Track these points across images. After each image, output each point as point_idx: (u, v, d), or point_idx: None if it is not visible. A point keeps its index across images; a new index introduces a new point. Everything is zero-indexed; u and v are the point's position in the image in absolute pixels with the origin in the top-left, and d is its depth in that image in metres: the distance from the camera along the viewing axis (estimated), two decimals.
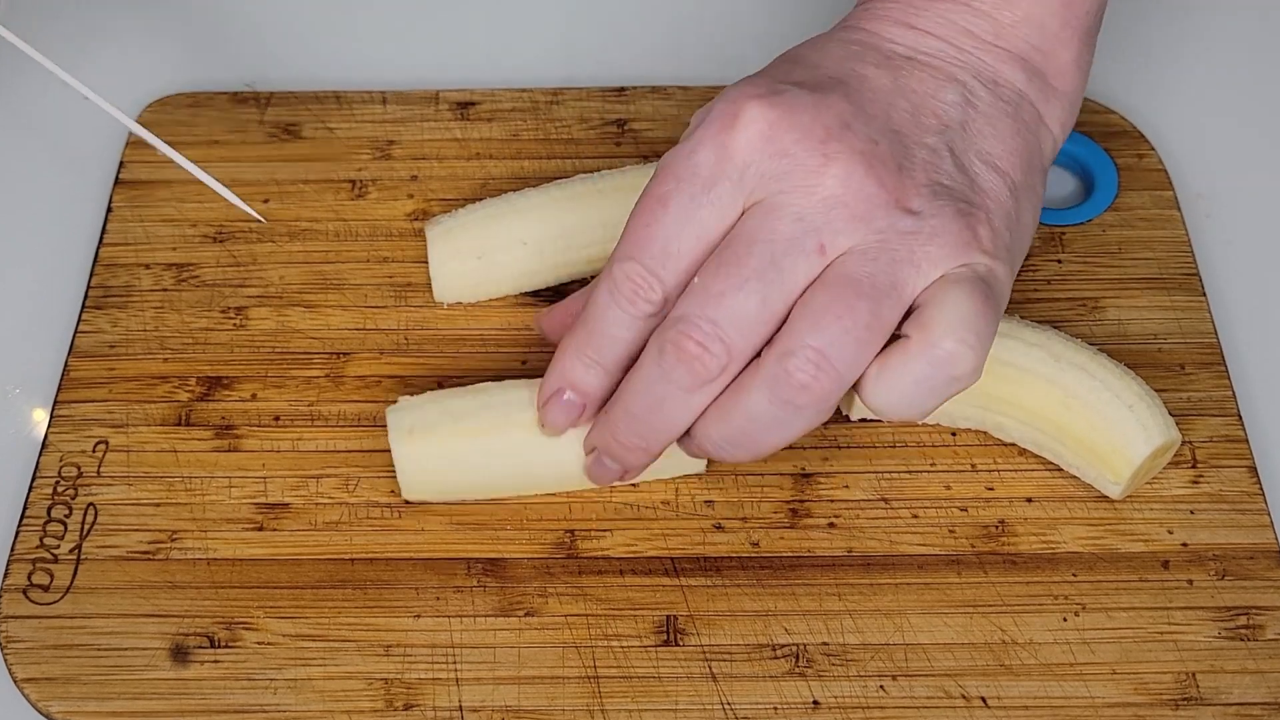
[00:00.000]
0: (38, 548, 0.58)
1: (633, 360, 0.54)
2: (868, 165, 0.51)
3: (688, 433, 0.54)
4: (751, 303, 0.51)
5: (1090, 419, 0.58)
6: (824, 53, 0.56)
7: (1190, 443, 0.61)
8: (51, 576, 0.58)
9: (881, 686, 0.55)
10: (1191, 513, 0.59)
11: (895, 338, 0.52)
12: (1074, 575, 0.58)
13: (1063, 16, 0.56)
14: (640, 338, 0.54)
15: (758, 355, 0.52)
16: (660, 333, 0.52)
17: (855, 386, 0.52)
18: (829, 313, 0.51)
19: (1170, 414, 0.59)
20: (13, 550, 0.58)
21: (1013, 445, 0.61)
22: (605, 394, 0.56)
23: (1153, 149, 0.70)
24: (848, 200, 0.51)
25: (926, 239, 0.51)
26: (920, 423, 0.62)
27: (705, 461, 0.59)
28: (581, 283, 0.66)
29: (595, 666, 0.56)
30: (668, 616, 0.57)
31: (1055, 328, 0.62)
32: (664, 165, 0.53)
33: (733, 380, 0.52)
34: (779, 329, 0.52)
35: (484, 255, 0.64)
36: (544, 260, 0.65)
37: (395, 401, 0.59)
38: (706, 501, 0.60)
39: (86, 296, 0.66)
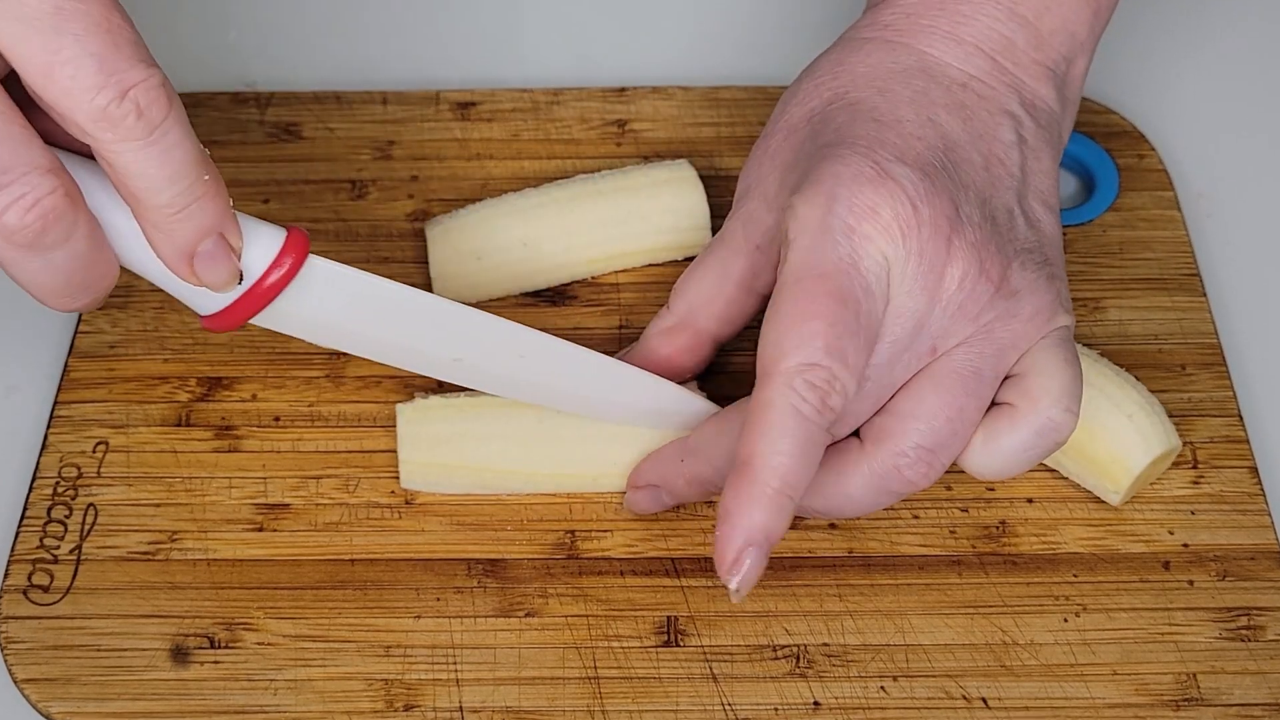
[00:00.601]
0: (38, 548, 0.58)
1: None
2: (980, 262, 0.52)
3: None
4: (866, 405, 0.52)
5: (1090, 428, 0.58)
6: (892, 97, 0.55)
7: (1191, 443, 0.61)
8: (51, 577, 0.58)
9: (882, 687, 0.55)
10: (1192, 513, 0.59)
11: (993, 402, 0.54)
12: (1075, 576, 0.58)
13: (1090, 25, 0.57)
14: (822, 447, 0.51)
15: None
16: (767, 386, 0.51)
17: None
18: (940, 415, 0.52)
19: (1171, 419, 0.59)
20: (13, 551, 0.58)
21: None
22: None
23: (1153, 149, 0.70)
24: (962, 301, 0.52)
25: (1026, 320, 0.53)
26: None
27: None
28: (582, 284, 0.66)
29: (596, 667, 0.56)
30: (668, 617, 0.57)
31: None
32: (812, 263, 0.50)
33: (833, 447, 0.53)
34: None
35: (484, 256, 0.64)
36: (544, 261, 0.65)
37: (400, 401, 0.59)
38: (708, 501, 0.60)
39: None
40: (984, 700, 0.55)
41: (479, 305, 0.65)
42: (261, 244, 0.52)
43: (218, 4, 0.77)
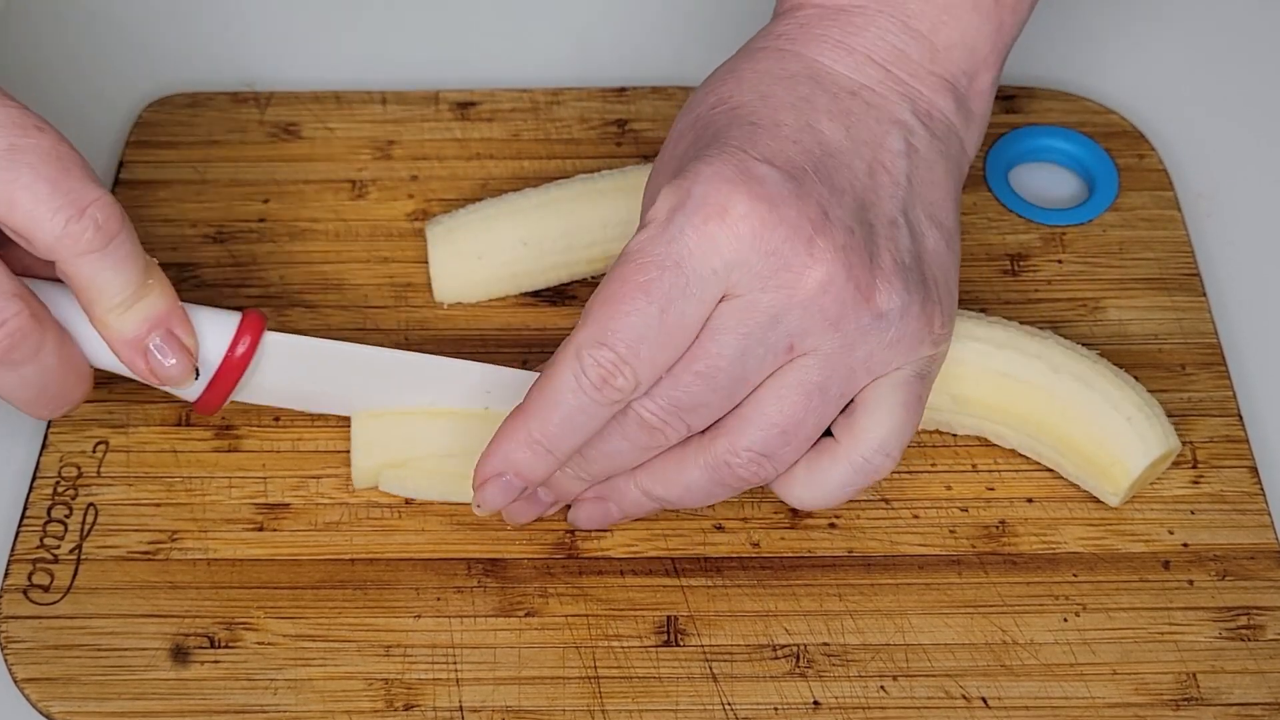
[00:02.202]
0: (38, 548, 0.58)
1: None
2: (847, 267, 0.52)
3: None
4: (718, 398, 0.52)
5: (1088, 430, 0.58)
6: (773, 101, 0.55)
7: (1191, 443, 0.61)
8: (52, 577, 0.58)
9: (882, 687, 0.55)
10: (1192, 513, 0.59)
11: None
12: (1075, 575, 0.58)
13: (993, 41, 0.57)
14: (599, 427, 0.53)
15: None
16: (633, 404, 0.52)
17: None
18: (778, 425, 0.53)
19: (1171, 418, 0.59)
20: (13, 550, 0.58)
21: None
22: (547, 478, 0.55)
23: (1153, 149, 0.70)
24: (824, 305, 0.52)
25: (888, 346, 0.53)
26: (920, 429, 0.61)
27: None
28: (582, 283, 0.66)
29: (596, 667, 0.56)
30: (668, 617, 0.57)
31: (1055, 329, 0.62)
32: (640, 250, 0.51)
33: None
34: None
35: (484, 255, 0.64)
36: (544, 260, 0.65)
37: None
38: None
39: None
40: (984, 700, 0.55)
41: (479, 305, 0.65)
42: (220, 329, 0.56)
43: (218, 4, 0.77)
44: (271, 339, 0.57)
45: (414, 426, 0.59)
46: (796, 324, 0.52)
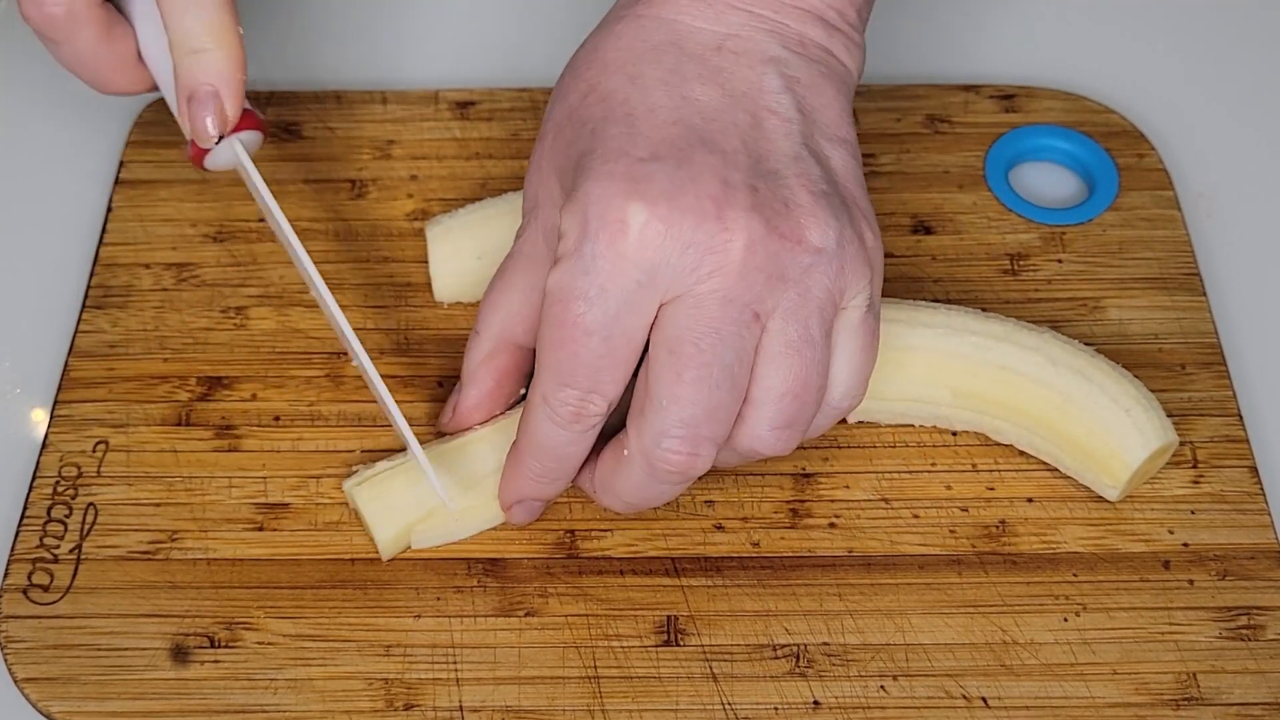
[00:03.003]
0: (38, 548, 0.58)
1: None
2: (765, 222, 0.51)
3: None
4: (720, 394, 0.52)
5: (1087, 423, 0.58)
6: (643, 82, 0.54)
7: (1191, 443, 0.61)
8: (51, 576, 0.58)
9: (882, 687, 0.55)
10: (1192, 513, 0.59)
11: None
12: (1075, 575, 0.58)
13: None
14: (589, 445, 0.55)
15: None
16: (645, 450, 0.53)
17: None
18: (787, 395, 0.53)
19: (1169, 415, 0.59)
20: (13, 550, 0.58)
21: (1013, 445, 0.61)
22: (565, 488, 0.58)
23: (1153, 149, 0.70)
24: (759, 264, 0.51)
25: (839, 273, 0.52)
26: (918, 425, 0.62)
27: None
28: None
29: (596, 666, 0.56)
30: (668, 617, 0.57)
31: (1055, 328, 0.62)
32: (562, 287, 0.52)
33: None
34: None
35: (484, 255, 0.64)
36: None
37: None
38: (707, 502, 0.60)
39: (86, 296, 0.65)
40: (984, 700, 0.55)
41: (478, 305, 0.65)
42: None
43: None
44: (241, 155, 0.60)
45: (417, 482, 0.58)
46: (746, 294, 0.51)
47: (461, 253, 0.64)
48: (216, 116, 0.59)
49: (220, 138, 0.59)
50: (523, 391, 0.60)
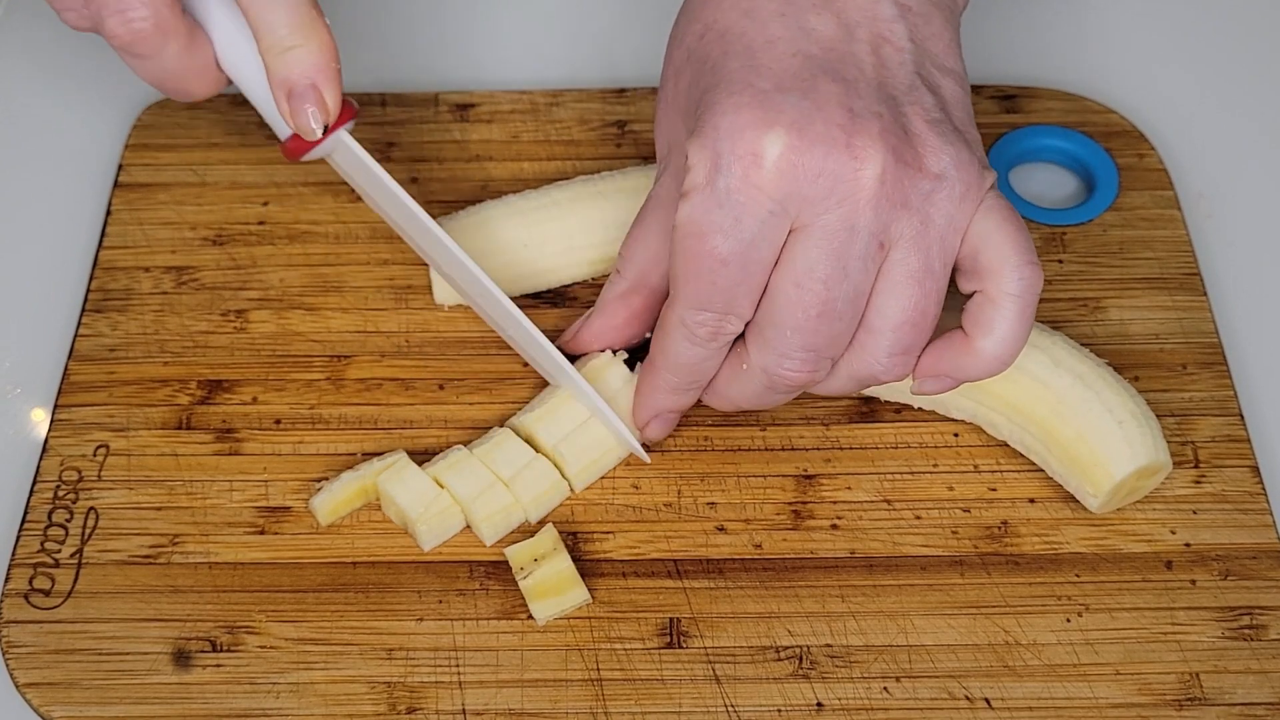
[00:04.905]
0: (39, 552, 0.58)
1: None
2: (891, 150, 0.52)
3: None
4: (842, 323, 0.53)
5: (1078, 428, 0.58)
6: (759, 15, 0.54)
7: (1192, 443, 0.61)
8: (53, 581, 0.58)
9: (885, 688, 0.55)
10: (1194, 513, 0.59)
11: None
12: (1077, 576, 0.58)
13: None
14: (725, 354, 0.56)
15: None
16: (768, 367, 0.55)
17: (963, 358, 0.55)
18: (905, 321, 0.53)
19: (1171, 419, 0.59)
20: (14, 555, 0.58)
21: (1007, 443, 0.61)
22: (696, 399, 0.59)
23: (1153, 149, 0.70)
24: (888, 193, 0.52)
25: (959, 197, 0.53)
26: (916, 406, 0.62)
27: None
28: (583, 285, 0.66)
29: (598, 669, 0.56)
30: (671, 619, 0.57)
31: (1056, 329, 0.62)
32: (695, 220, 0.52)
33: None
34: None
35: (484, 257, 0.64)
36: (545, 262, 0.65)
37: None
38: (709, 504, 0.60)
39: (86, 300, 0.65)
40: (987, 701, 0.55)
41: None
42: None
43: None
44: (347, 140, 0.60)
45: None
46: (874, 222, 0.52)
47: None
48: (319, 109, 0.58)
49: (325, 129, 0.59)
50: (647, 335, 0.61)
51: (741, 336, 0.56)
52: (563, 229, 0.64)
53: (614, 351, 0.61)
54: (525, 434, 0.60)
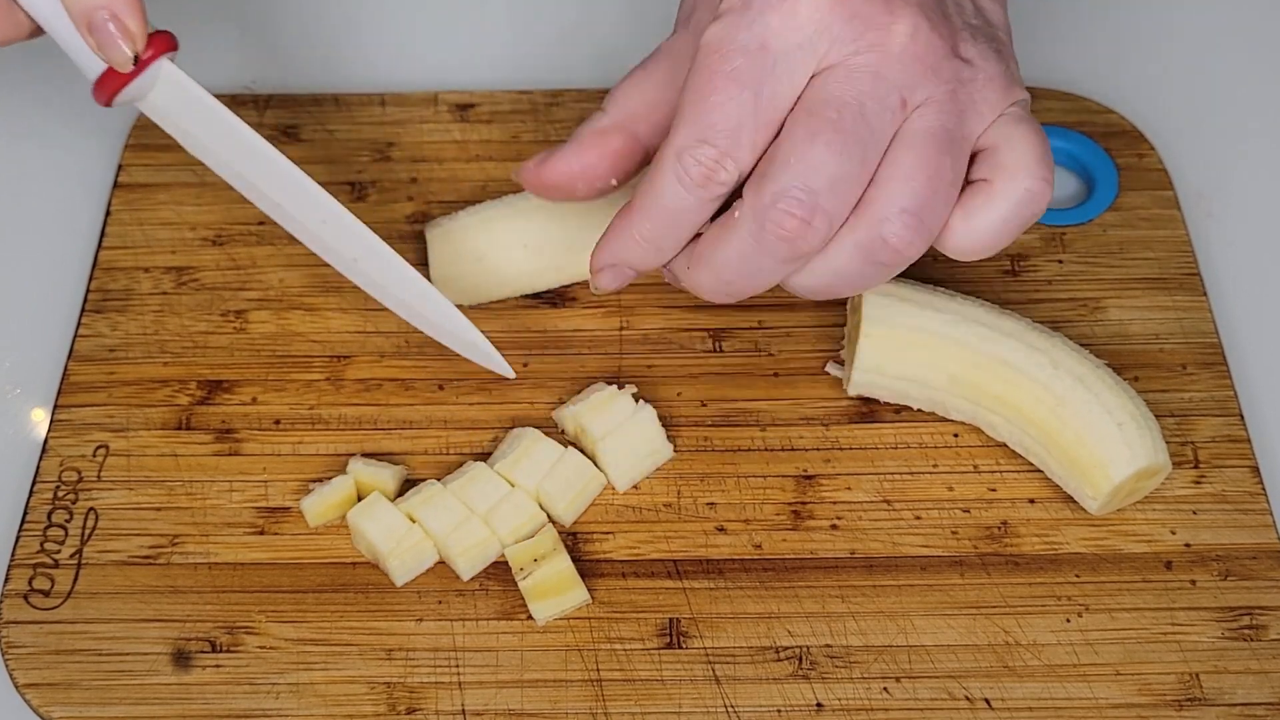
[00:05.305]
0: (38, 553, 0.58)
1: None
2: (928, 16, 0.52)
3: None
4: (850, 166, 0.51)
5: (1078, 430, 0.58)
6: None
7: (1192, 443, 0.61)
8: (52, 581, 0.58)
9: (885, 688, 0.55)
10: (1194, 513, 0.59)
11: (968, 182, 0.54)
12: (1077, 576, 0.58)
13: None
14: (708, 216, 0.54)
15: None
16: (759, 210, 0.52)
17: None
18: (919, 175, 0.52)
19: (1171, 419, 0.59)
20: (13, 555, 0.58)
21: (1006, 444, 0.61)
22: (657, 267, 0.56)
23: (1153, 149, 0.70)
24: (918, 53, 0.51)
25: (984, 84, 0.53)
26: (916, 409, 0.62)
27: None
28: (583, 286, 0.66)
29: (598, 669, 0.56)
30: (670, 619, 0.57)
31: (1056, 329, 0.62)
32: (722, 40, 0.51)
33: None
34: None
35: (484, 258, 0.64)
36: (544, 263, 0.65)
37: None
38: (709, 504, 0.60)
39: (86, 300, 0.65)
40: (987, 701, 0.55)
41: (478, 307, 0.65)
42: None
43: (217, 6, 0.77)
44: (166, 68, 0.57)
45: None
46: (900, 77, 0.51)
47: (461, 255, 0.64)
48: (125, 37, 0.55)
49: (137, 59, 0.56)
50: (613, 181, 0.58)
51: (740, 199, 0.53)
52: (563, 230, 0.64)
53: (619, 385, 0.61)
54: (504, 478, 0.59)
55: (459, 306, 0.65)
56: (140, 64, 0.56)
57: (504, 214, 0.64)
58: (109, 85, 0.56)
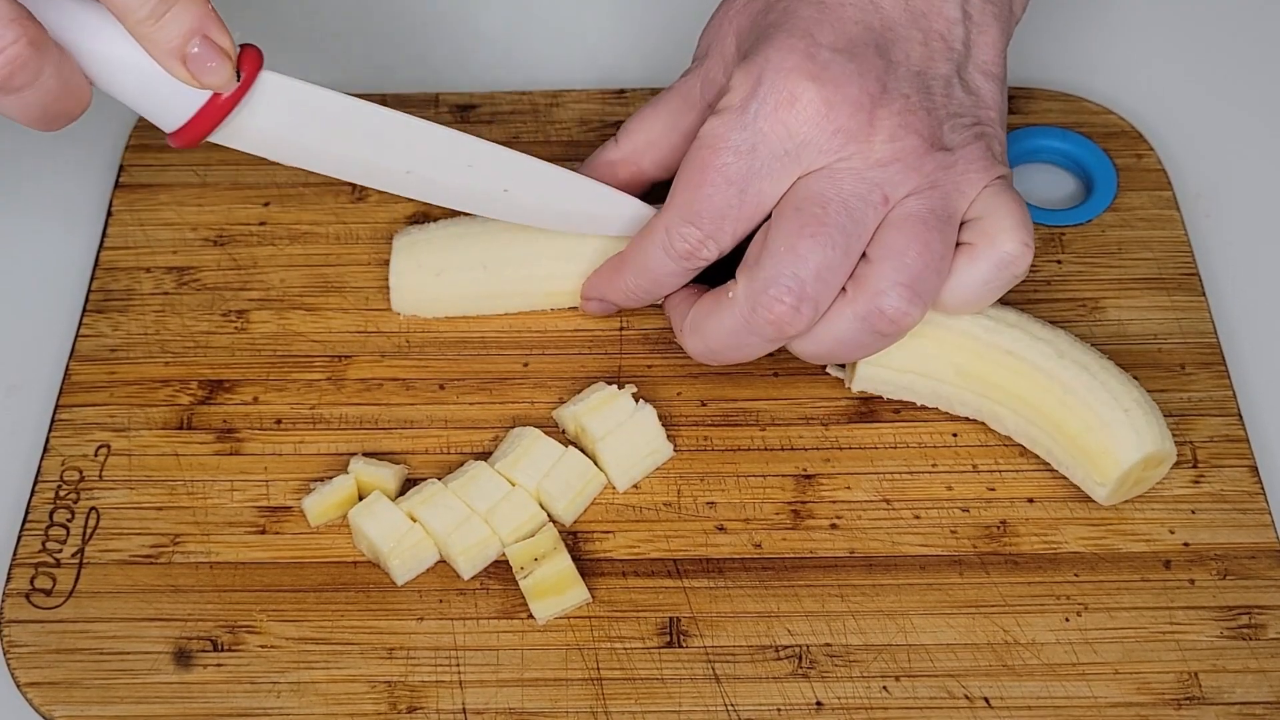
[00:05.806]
0: (40, 552, 0.58)
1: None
2: (908, 124, 0.56)
3: None
4: (835, 255, 0.56)
5: (1085, 417, 0.58)
6: None
7: (1191, 442, 0.61)
8: (54, 581, 0.58)
9: (884, 687, 0.55)
10: (1193, 512, 0.60)
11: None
12: (1076, 575, 0.58)
13: None
14: (686, 280, 0.60)
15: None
16: (752, 293, 0.56)
17: None
18: (909, 251, 0.56)
19: (1170, 418, 0.59)
20: (15, 555, 0.58)
21: (1014, 445, 0.61)
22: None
23: (1152, 149, 0.71)
24: (898, 155, 0.56)
25: (963, 169, 0.57)
26: (919, 404, 0.62)
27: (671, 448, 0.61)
28: (575, 309, 0.65)
29: (598, 668, 0.56)
30: (671, 618, 0.57)
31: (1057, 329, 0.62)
32: (717, 135, 0.56)
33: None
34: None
35: (443, 272, 0.64)
36: (502, 285, 0.64)
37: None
38: (709, 503, 0.60)
39: (87, 300, 0.66)
40: (986, 700, 0.55)
41: (437, 320, 0.65)
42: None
43: (216, 6, 0.77)
44: (268, 79, 0.55)
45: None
46: (880, 176, 0.56)
47: (422, 268, 0.64)
48: (220, 58, 0.53)
49: (239, 74, 0.54)
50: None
51: (734, 279, 0.58)
52: (525, 254, 0.63)
53: (620, 385, 0.61)
54: (505, 477, 0.59)
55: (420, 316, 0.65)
56: (244, 82, 0.54)
57: (471, 232, 0.64)
58: (208, 118, 0.54)
